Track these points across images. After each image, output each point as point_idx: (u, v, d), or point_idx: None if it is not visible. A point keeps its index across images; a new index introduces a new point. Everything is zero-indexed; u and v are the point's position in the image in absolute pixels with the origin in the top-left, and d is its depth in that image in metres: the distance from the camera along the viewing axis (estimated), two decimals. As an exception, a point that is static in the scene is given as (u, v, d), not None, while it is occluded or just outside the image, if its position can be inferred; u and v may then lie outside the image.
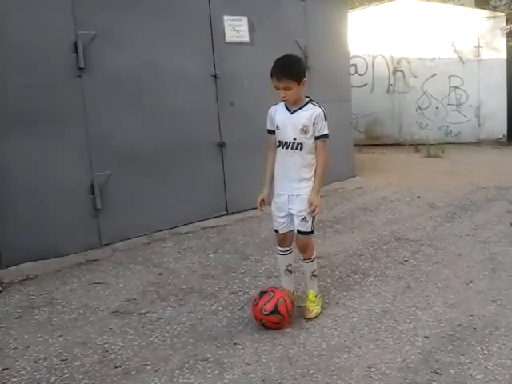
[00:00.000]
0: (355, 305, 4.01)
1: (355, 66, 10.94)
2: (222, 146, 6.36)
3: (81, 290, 4.53)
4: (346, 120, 7.83)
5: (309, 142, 3.71)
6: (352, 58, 10.70)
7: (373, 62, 10.97)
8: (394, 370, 3.11)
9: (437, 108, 10.84)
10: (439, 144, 10.39)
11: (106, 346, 3.55)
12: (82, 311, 4.12)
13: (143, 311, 4.07)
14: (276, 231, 3.94)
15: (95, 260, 5.22)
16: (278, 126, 3.78)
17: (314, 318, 3.78)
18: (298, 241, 3.86)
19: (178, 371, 3.19)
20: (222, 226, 6.19)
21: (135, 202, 5.68)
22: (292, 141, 3.72)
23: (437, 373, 3.07)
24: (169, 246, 5.60)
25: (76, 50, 5.16)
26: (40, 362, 3.38)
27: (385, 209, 6.60)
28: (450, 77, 10.67)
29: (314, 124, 3.68)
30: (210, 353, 3.39)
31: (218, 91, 6.30)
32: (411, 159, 9.71)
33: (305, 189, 3.74)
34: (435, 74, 10.68)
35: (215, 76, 6.23)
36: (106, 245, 5.48)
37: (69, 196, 5.22)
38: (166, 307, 4.13)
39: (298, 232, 3.82)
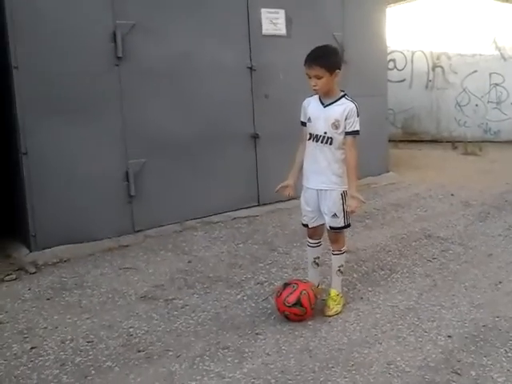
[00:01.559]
0: (379, 301, 4.01)
1: (394, 60, 10.82)
2: (255, 137, 6.39)
3: (111, 275, 4.64)
4: (382, 115, 7.76)
5: (339, 138, 3.69)
6: (391, 52, 10.62)
7: (412, 57, 10.81)
8: (413, 368, 3.11)
9: (476, 105, 10.65)
10: (477, 142, 10.22)
11: (131, 330, 3.64)
12: (110, 295, 4.23)
13: (170, 297, 4.15)
14: (305, 225, 3.95)
15: (127, 245, 5.33)
16: (309, 119, 3.78)
17: (333, 316, 3.78)
18: (330, 234, 3.89)
19: (198, 358, 3.26)
20: (252, 216, 6.23)
21: (169, 190, 5.77)
22: (322, 134, 3.71)
23: (457, 373, 3.06)
24: (199, 234, 5.67)
25: (115, 40, 5.25)
26: (67, 342, 3.49)
27: (417, 205, 6.54)
28: (490, 74, 10.45)
29: (345, 119, 3.65)
30: (231, 341, 3.45)
31: (254, 83, 6.33)
32: (447, 156, 9.58)
33: (334, 184, 3.73)
34: (475, 71, 10.48)
35: (251, 68, 6.26)
36: (138, 231, 5.58)
37: (104, 182, 5.33)
38: (193, 294, 4.20)
39: (330, 228, 3.83)
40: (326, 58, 3.62)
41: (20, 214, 5.14)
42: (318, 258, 4.00)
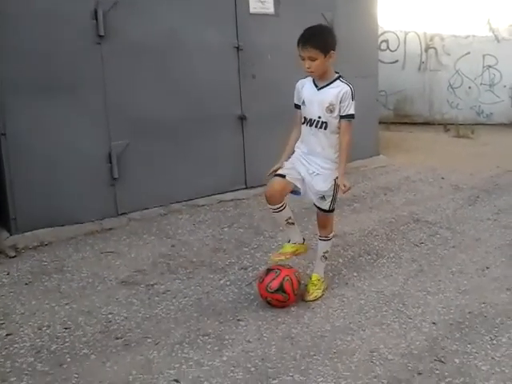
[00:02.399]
0: (364, 286, 3.94)
1: (387, 41, 10.67)
2: (242, 118, 6.27)
3: (92, 259, 4.55)
4: (372, 96, 7.63)
5: (334, 122, 3.56)
6: (384, 33, 10.49)
7: (405, 38, 10.64)
8: (396, 356, 3.05)
9: (469, 87, 10.51)
10: (469, 124, 10.12)
11: (110, 316, 3.56)
12: (90, 280, 4.14)
13: (151, 283, 4.07)
14: (277, 175, 3.62)
15: (110, 229, 5.22)
16: (303, 102, 3.65)
17: (312, 301, 3.71)
18: (318, 216, 3.80)
19: (178, 345, 3.18)
20: (239, 199, 6.14)
21: (153, 173, 5.65)
22: (317, 119, 3.58)
23: (441, 361, 3.01)
24: (184, 217, 5.57)
25: (96, 17, 5.09)
26: (44, 329, 3.40)
27: (406, 189, 6.46)
28: (484, 55, 10.30)
29: (340, 102, 3.51)
30: (212, 328, 3.38)
31: (241, 63, 6.19)
32: (439, 139, 9.48)
33: (328, 170, 3.62)
34: (469, 53, 10.33)
35: (238, 48, 6.11)
36: (122, 214, 5.47)
37: (86, 164, 5.20)
38: (175, 280, 4.12)
39: (317, 207, 3.74)
40: (320, 39, 3.47)
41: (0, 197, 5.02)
42: (290, 217, 3.71)
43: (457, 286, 3.92)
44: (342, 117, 3.54)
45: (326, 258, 3.85)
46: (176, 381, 2.83)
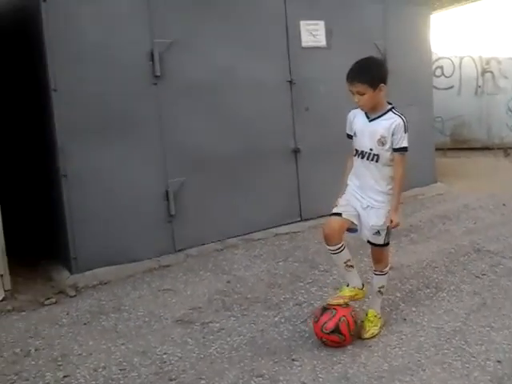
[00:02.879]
0: (424, 322, 3.81)
1: (441, 67, 10.51)
2: (296, 151, 6.28)
3: (149, 297, 4.60)
4: (428, 124, 7.51)
5: (386, 154, 3.47)
6: (438, 59, 10.35)
7: (460, 63, 10.47)
8: (459, 398, 2.92)
9: (528, 110, 10.23)
10: (531, 148, 9.81)
11: (164, 356, 3.56)
12: (147, 319, 4.17)
13: (206, 320, 4.07)
14: (334, 214, 3.53)
15: (168, 265, 5.28)
16: (355, 133, 3.59)
17: (369, 338, 3.60)
18: (373, 252, 3.71)
19: (231, 387, 3.15)
20: (294, 232, 6.11)
21: (209, 208, 5.70)
22: (368, 151, 3.51)
23: (506, 403, 2.86)
24: (240, 252, 5.58)
25: (152, 59, 5.24)
26: (99, 370, 3.44)
27: (466, 217, 6.27)
28: (542, 77, 10.03)
29: (392, 135, 3.43)
30: (266, 368, 3.32)
31: (294, 97, 6.23)
32: (499, 164, 9.20)
33: (381, 203, 3.53)
34: (527, 75, 10.07)
35: (291, 82, 6.16)
36: (179, 250, 5.54)
37: (144, 202, 5.31)
38: (230, 317, 4.10)
39: (371, 243, 3.66)
40: (367, 73, 3.41)
41: (60, 237, 5.16)
42: (349, 260, 3.56)
43: (523, 321, 3.75)
44: (394, 150, 3.46)
45: (382, 293, 3.76)
46: (230, 425, 2.80)
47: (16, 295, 4.69)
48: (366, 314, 3.72)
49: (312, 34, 6.40)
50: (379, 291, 3.73)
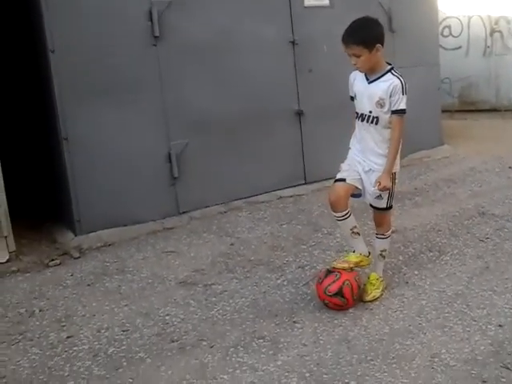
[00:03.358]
0: (426, 285, 3.80)
1: (449, 27, 10.27)
2: (300, 113, 6.19)
3: (153, 259, 4.61)
4: (434, 85, 7.36)
5: (385, 117, 3.41)
6: (446, 18, 10.12)
7: (468, 22, 10.21)
8: (459, 362, 2.92)
9: (538, 70, 10.03)
10: (540, 109, 9.66)
11: (167, 317, 3.59)
12: (150, 280, 4.19)
13: (209, 282, 4.08)
14: (339, 180, 3.50)
15: (171, 228, 5.28)
16: (355, 96, 3.55)
17: (371, 301, 3.61)
18: (374, 215, 3.71)
19: (232, 349, 3.17)
20: (298, 195, 6.08)
21: (213, 171, 5.67)
22: (368, 113, 3.46)
23: (507, 368, 2.84)
24: (244, 215, 5.57)
25: (151, 19, 5.14)
26: (102, 331, 3.47)
27: (472, 180, 6.21)
28: (553, 36, 9.81)
29: (390, 96, 3.36)
30: (267, 330, 3.34)
31: (296, 57, 6.11)
32: (506, 126, 9.06)
33: (381, 165, 3.48)
34: (538, 34, 9.85)
35: (293, 42, 6.04)
36: (183, 212, 5.53)
37: (146, 165, 5.28)
38: (232, 279, 4.12)
39: (373, 207, 3.65)
40: (362, 35, 3.32)
41: (64, 199, 5.16)
42: (355, 227, 3.55)
43: (525, 285, 3.73)
44: (392, 112, 3.40)
45: (384, 256, 3.75)
46: (230, 386, 2.83)
47: (21, 257, 4.72)
48: (368, 277, 3.72)
49: (315, -8, 6.25)
50: (381, 255, 3.72)
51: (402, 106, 3.40)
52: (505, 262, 4.12)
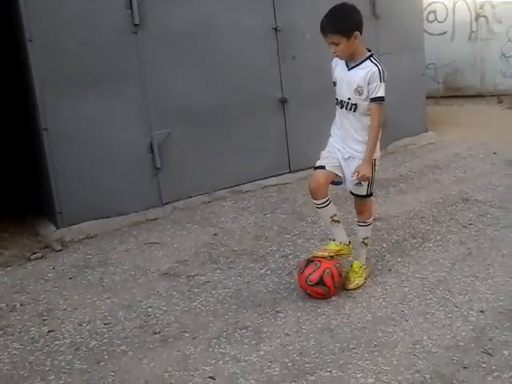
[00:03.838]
0: (409, 272, 3.81)
1: (434, 12, 10.22)
2: (283, 101, 6.14)
3: (136, 250, 4.57)
4: (419, 71, 7.31)
5: (364, 104, 3.42)
6: (431, 3, 10.07)
7: (453, 7, 10.16)
8: (440, 348, 2.92)
9: (523, 55, 10.03)
10: (525, 94, 9.66)
11: (149, 309, 3.57)
12: (133, 272, 4.16)
13: (192, 273, 4.06)
14: (318, 167, 3.53)
15: (155, 219, 5.23)
16: (336, 82, 3.56)
17: (354, 289, 3.61)
18: (355, 202, 3.71)
19: (215, 340, 3.15)
20: (283, 184, 6.04)
21: (196, 161, 5.61)
22: (347, 100, 3.47)
23: (488, 353, 2.86)
24: (228, 204, 5.53)
25: (131, 6, 5.05)
26: (84, 324, 3.44)
27: (456, 166, 6.21)
28: (538, 21, 9.80)
29: (368, 84, 3.37)
30: (250, 321, 3.33)
31: (280, 44, 6.04)
32: (492, 112, 9.07)
33: (360, 152, 3.48)
34: (522, 18, 9.83)
35: (276, 29, 5.97)
36: (166, 203, 5.47)
37: (128, 155, 5.21)
38: (215, 270, 4.10)
39: (353, 194, 3.65)
40: (339, 23, 3.33)
41: (45, 191, 5.10)
42: (335, 214, 3.56)
43: (507, 270, 3.73)
44: (371, 99, 3.41)
45: (366, 244, 3.74)
46: (211, 378, 2.80)
47: (2, 250, 4.66)
48: (351, 265, 3.71)
49: (298, -22, 6.18)
50: (363, 242, 3.72)
51: (381, 93, 3.39)
52: (487, 247, 4.13)
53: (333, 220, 3.56)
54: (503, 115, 8.78)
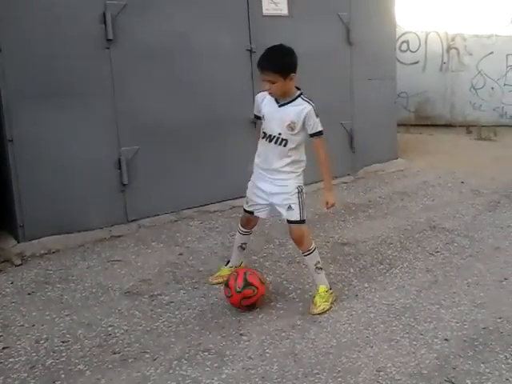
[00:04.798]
0: (375, 298, 3.78)
1: (407, 42, 10.44)
2: (255, 123, 6.12)
3: (98, 268, 4.46)
4: (390, 99, 7.41)
5: (295, 139, 3.54)
6: (404, 34, 10.31)
7: (426, 38, 10.40)
8: (404, 376, 2.89)
9: (492, 88, 10.22)
10: (492, 126, 9.85)
11: (109, 329, 3.46)
12: (94, 290, 4.04)
13: (156, 293, 3.97)
14: (246, 211, 3.86)
15: (119, 236, 5.13)
16: (263, 116, 3.63)
17: (319, 314, 3.56)
18: (292, 232, 3.66)
19: (176, 361, 3.06)
20: (252, 205, 6.00)
21: (164, 179, 5.55)
22: (277, 135, 3.55)
23: (451, 382, 2.83)
24: (195, 224, 5.47)
25: (105, 21, 5.01)
26: (41, 342, 3.32)
27: (424, 194, 6.27)
28: (507, 55, 10.00)
29: (304, 122, 3.50)
30: (213, 343, 3.25)
31: (254, 66, 6.01)
32: (460, 141, 9.23)
33: (285, 180, 3.59)
34: (492, 52, 10.04)
35: (250, 50, 5.99)
36: (132, 221, 5.39)
37: (95, 170, 5.13)
38: (179, 290, 4.01)
39: (288, 221, 3.63)
40: (279, 62, 3.44)
41: (7, 204, 4.96)
42: (245, 243, 4.03)
43: (472, 299, 3.74)
44: (311, 135, 3.55)
45: (320, 268, 3.70)
46: (170, 401, 2.72)
47: (-42, 263, 4.51)
48: (318, 289, 3.67)
49: (273, 1, 6.22)
50: (316, 267, 3.69)
51: (319, 127, 3.55)
52: (453, 275, 4.14)
53: (241, 247, 4.02)
54: (471, 145, 8.94)
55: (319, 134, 3.55)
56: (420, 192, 6.34)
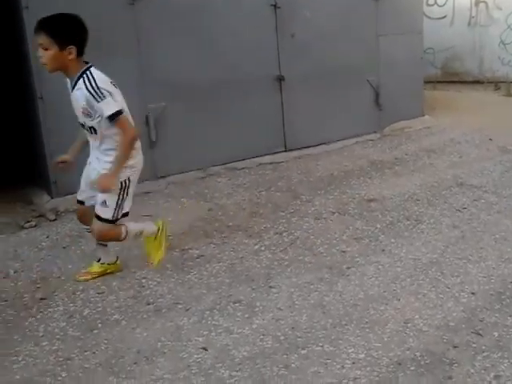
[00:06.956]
0: (402, 253, 3.83)
1: (435, -4, 10.23)
2: (280, 79, 6.12)
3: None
4: (416, 55, 7.29)
5: (100, 125, 3.18)
6: (431, -14, 10.06)
7: (454, -10, 10.19)
8: (431, 328, 2.94)
9: (522, 43, 10.02)
10: (522, 82, 9.68)
11: (143, 281, 3.57)
12: (126, 244, 4.14)
13: (186, 247, 4.06)
14: (79, 202, 3.56)
15: (149, 192, 5.22)
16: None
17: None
18: (93, 225, 3.35)
19: (208, 312, 3.16)
20: (278, 162, 6.05)
21: (191, 136, 5.61)
22: (83, 123, 3.26)
23: (478, 334, 2.88)
24: (223, 181, 5.54)
25: (129, -23, 5.01)
26: (78, 293, 3.44)
27: (451, 151, 6.23)
28: (538, 8, 9.78)
29: (92, 108, 3.13)
30: (243, 295, 3.34)
31: (278, 22, 6.02)
32: (488, 98, 9.10)
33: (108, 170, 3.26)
34: (522, 5, 9.81)
35: (275, 5, 5.94)
36: (161, 177, 5.48)
37: (124, 127, 5.19)
38: (209, 244, 4.10)
39: (96, 216, 3.32)
40: (56, 27, 3.05)
41: (40, 161, 5.07)
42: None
43: (499, 254, 3.76)
44: (108, 120, 3.14)
45: (140, 234, 3.64)
46: (204, 349, 2.81)
47: (-5, 218, 4.65)
48: (145, 243, 3.70)
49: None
50: (136, 235, 3.62)
51: (111, 109, 3.13)
52: (480, 231, 4.15)
53: (99, 243, 3.57)
54: (499, 102, 8.81)
55: (113, 116, 3.12)
56: (447, 149, 6.31)
